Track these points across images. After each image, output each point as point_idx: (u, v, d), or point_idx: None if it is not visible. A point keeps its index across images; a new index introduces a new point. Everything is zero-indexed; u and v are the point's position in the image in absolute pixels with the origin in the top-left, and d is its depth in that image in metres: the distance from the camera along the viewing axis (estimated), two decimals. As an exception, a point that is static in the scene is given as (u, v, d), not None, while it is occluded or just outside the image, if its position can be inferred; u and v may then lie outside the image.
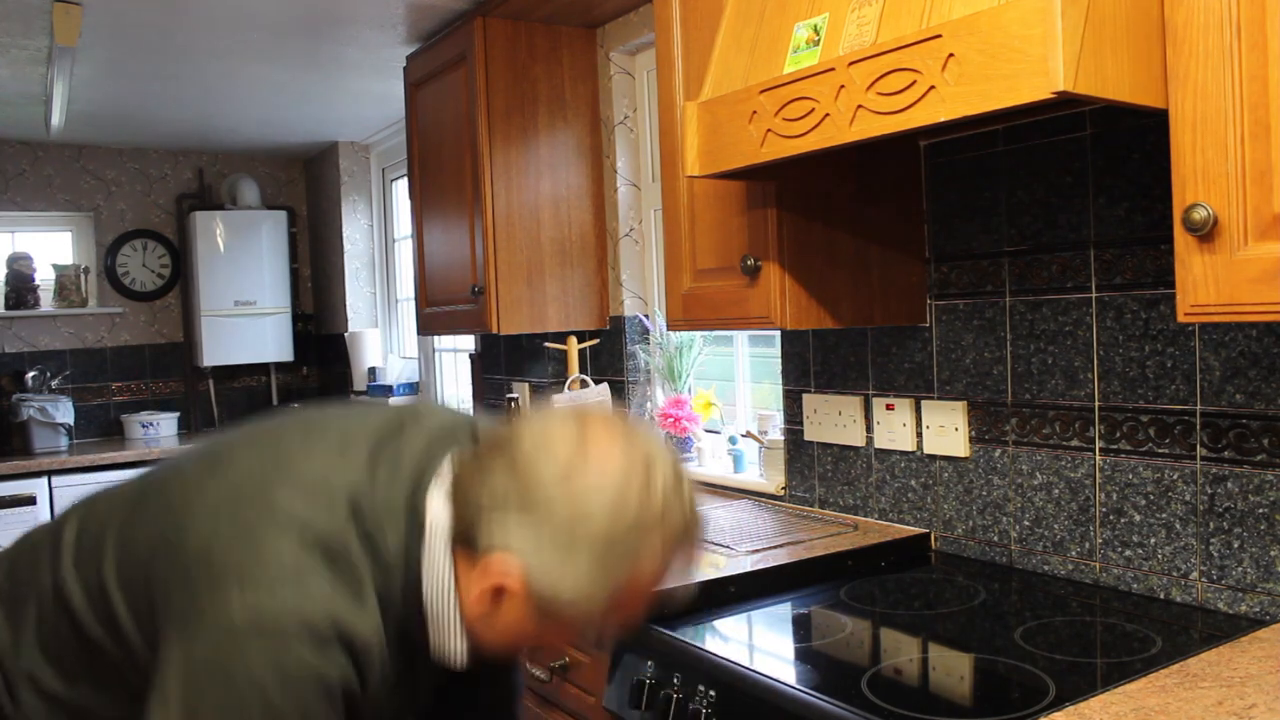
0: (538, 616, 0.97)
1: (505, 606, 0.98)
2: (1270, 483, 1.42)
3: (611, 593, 0.96)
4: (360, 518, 0.97)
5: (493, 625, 1.01)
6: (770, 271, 1.72)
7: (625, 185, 2.95)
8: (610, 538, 0.94)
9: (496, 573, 0.95)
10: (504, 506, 0.95)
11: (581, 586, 0.95)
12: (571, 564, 0.94)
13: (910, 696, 1.27)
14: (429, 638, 1.03)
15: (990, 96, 1.13)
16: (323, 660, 0.91)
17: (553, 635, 1.03)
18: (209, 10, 2.79)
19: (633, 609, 1.01)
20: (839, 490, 2.16)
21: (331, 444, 1.03)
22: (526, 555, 0.94)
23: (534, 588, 0.95)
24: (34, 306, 4.57)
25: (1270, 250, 1.04)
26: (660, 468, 0.98)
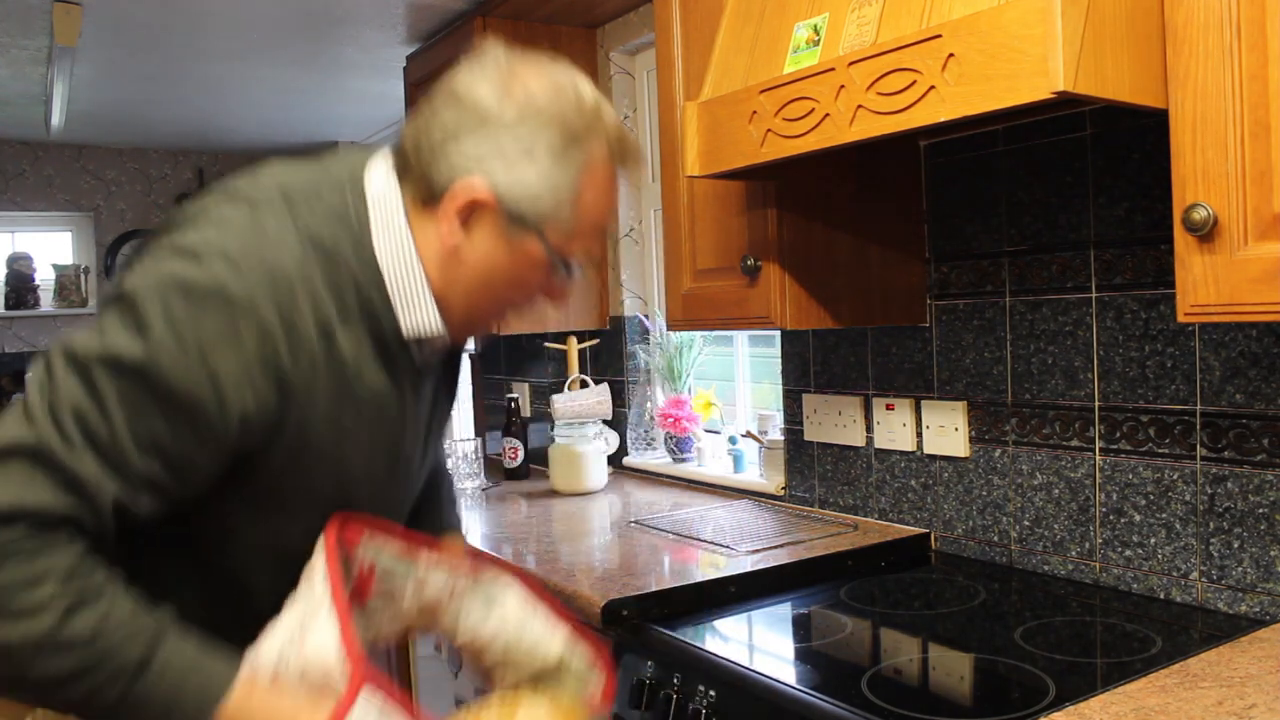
0: (509, 234, 1.03)
1: (477, 230, 1.03)
2: (1270, 483, 1.42)
3: (573, 190, 1.03)
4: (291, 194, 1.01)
5: (464, 262, 1.04)
6: (770, 271, 1.72)
7: (625, 185, 2.95)
8: (562, 131, 1.02)
9: (464, 193, 1.01)
10: (456, 135, 1.01)
11: (546, 180, 1.01)
12: (532, 160, 1.01)
13: (910, 696, 1.27)
14: (399, 320, 1.04)
15: (990, 96, 1.13)
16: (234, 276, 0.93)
17: (529, 260, 1.05)
18: (209, 10, 2.79)
19: (593, 229, 1.08)
20: (839, 490, 2.16)
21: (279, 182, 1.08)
22: (491, 166, 1.00)
23: (503, 195, 1.01)
24: (34, 306, 4.57)
25: (1270, 250, 1.04)
26: (579, 79, 1.06)
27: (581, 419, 2.68)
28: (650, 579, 1.74)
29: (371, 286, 1.02)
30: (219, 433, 0.93)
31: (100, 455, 0.89)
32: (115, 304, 0.94)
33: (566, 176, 1.02)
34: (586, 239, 1.08)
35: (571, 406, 2.73)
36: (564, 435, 2.66)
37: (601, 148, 1.05)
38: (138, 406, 0.90)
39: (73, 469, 0.88)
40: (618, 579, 1.74)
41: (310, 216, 1.00)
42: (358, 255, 1.01)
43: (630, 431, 2.87)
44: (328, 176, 1.05)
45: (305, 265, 0.97)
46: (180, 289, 0.92)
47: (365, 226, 1.02)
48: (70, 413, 0.88)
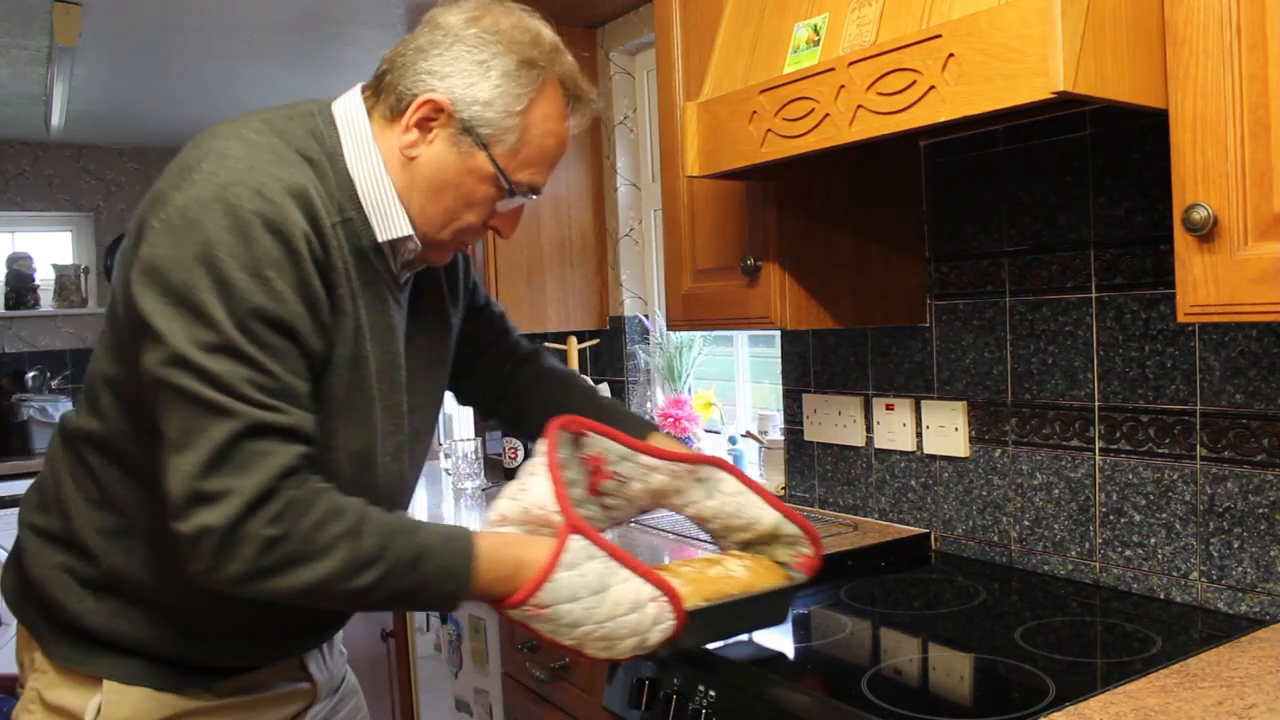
0: (459, 145, 1.12)
1: (433, 137, 1.12)
2: (1270, 483, 1.42)
3: (522, 109, 1.12)
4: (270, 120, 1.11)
5: (420, 167, 1.13)
6: (770, 271, 1.72)
7: (625, 185, 2.95)
8: (517, 56, 1.12)
9: (424, 101, 1.11)
10: (424, 52, 1.12)
11: (497, 93, 1.11)
12: (486, 76, 1.11)
13: (910, 696, 1.27)
14: (374, 228, 1.13)
15: (990, 96, 1.13)
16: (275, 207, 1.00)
17: (476, 173, 1.13)
18: (209, 10, 2.79)
19: (540, 156, 1.16)
20: (839, 490, 2.16)
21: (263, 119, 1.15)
22: (451, 81, 1.11)
23: (457, 104, 1.11)
24: (34, 306, 4.57)
25: (1270, 250, 1.04)
26: (545, 25, 1.17)
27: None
28: (650, 579, 1.74)
29: (347, 198, 1.11)
30: (315, 342, 1.06)
31: (287, 400, 1.01)
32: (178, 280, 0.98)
33: (516, 96, 1.12)
34: (532, 166, 1.16)
35: (571, 406, 2.72)
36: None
37: (554, 83, 1.15)
38: (274, 348, 1.00)
39: (282, 423, 1.00)
40: (618, 579, 1.74)
41: (293, 137, 1.09)
42: (334, 169, 1.11)
43: (630, 431, 2.86)
44: (296, 110, 1.15)
45: (306, 176, 1.06)
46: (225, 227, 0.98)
47: (337, 143, 1.12)
48: (245, 384, 0.98)
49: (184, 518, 0.97)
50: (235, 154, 1.03)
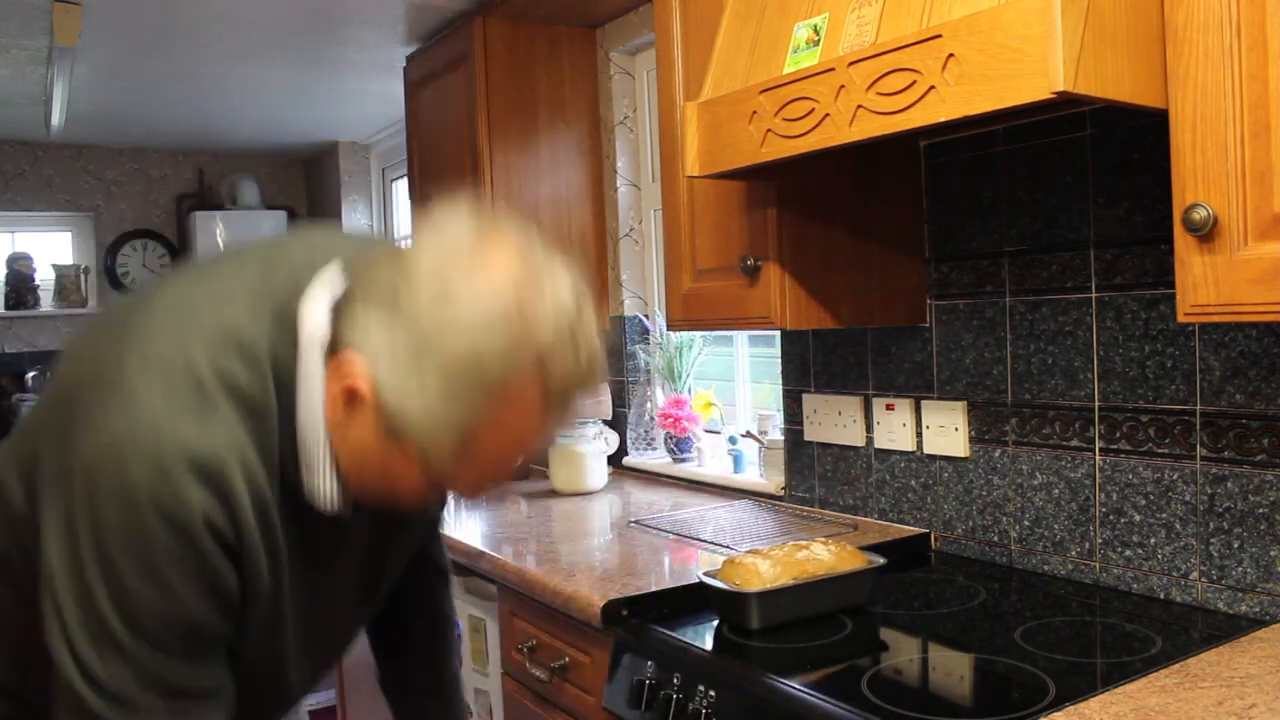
0: (385, 437, 0.86)
1: (356, 417, 0.87)
2: (1270, 483, 1.42)
3: (464, 431, 0.84)
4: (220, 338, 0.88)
5: (346, 440, 0.90)
6: (770, 271, 1.72)
7: (625, 185, 2.95)
8: (470, 366, 0.82)
9: (347, 372, 0.86)
10: (369, 299, 0.86)
11: (430, 411, 0.84)
12: (420, 380, 0.83)
13: (910, 696, 1.27)
14: (300, 475, 0.92)
15: (990, 96, 1.13)
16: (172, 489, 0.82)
17: (405, 469, 0.89)
18: (209, 10, 2.79)
19: (493, 464, 0.90)
20: (839, 490, 2.16)
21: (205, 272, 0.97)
22: (377, 357, 0.84)
23: (381, 397, 0.85)
24: (34, 306, 4.57)
25: (1270, 250, 1.04)
26: (555, 302, 0.86)
27: (581, 419, 2.68)
28: (650, 579, 1.74)
29: (289, 452, 0.91)
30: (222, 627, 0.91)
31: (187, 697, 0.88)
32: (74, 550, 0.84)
33: (455, 417, 0.84)
34: (477, 475, 0.91)
35: (571, 406, 2.72)
36: (564, 435, 2.65)
37: (528, 397, 0.85)
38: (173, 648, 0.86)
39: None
40: (618, 579, 1.74)
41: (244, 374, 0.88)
42: (281, 409, 0.90)
43: (630, 431, 2.87)
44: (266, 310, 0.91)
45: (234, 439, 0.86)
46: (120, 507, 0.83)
47: (291, 376, 0.90)
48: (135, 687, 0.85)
49: None
50: (149, 412, 0.84)
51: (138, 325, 0.91)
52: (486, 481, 0.94)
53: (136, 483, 0.82)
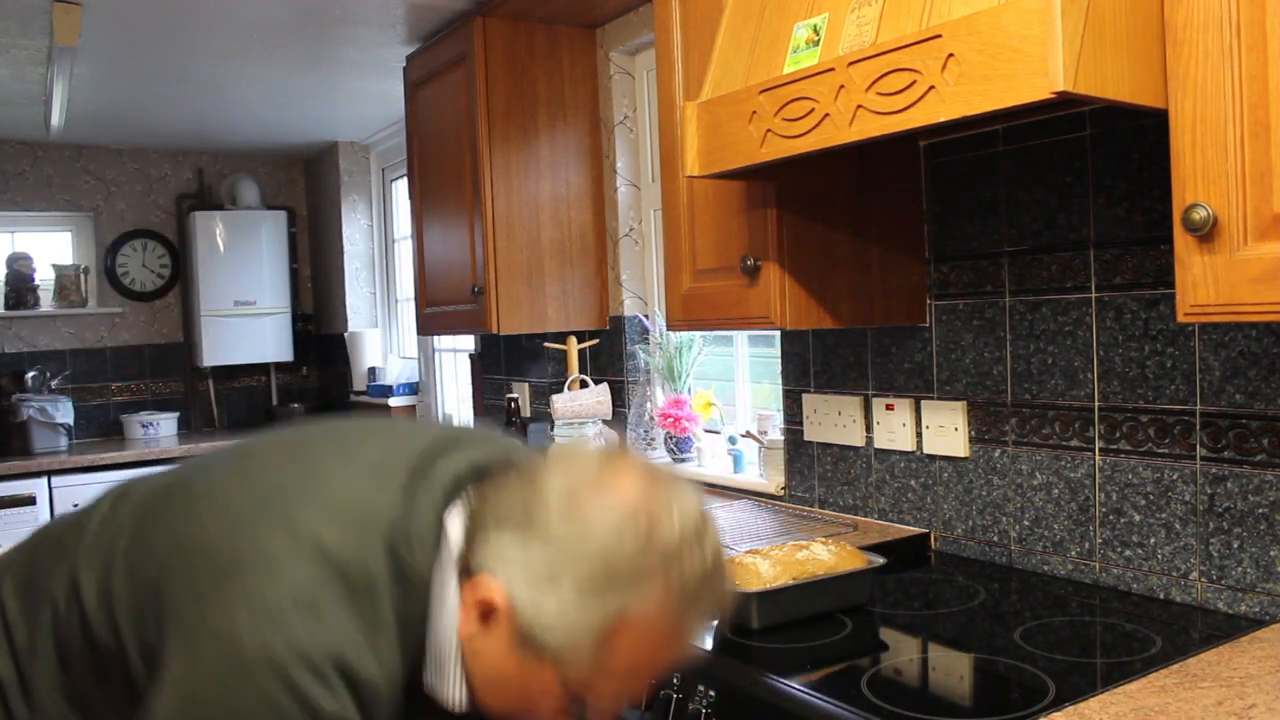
0: (521, 652, 0.90)
1: (491, 633, 0.91)
2: (1270, 483, 1.42)
3: (599, 637, 0.87)
4: (391, 547, 0.91)
5: (479, 657, 0.93)
6: (770, 271, 1.72)
7: (625, 185, 2.95)
8: (603, 568, 0.87)
9: (483, 589, 0.90)
10: (502, 524, 0.90)
11: (564, 617, 0.87)
12: (555, 589, 0.87)
13: (910, 696, 1.27)
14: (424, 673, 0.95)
15: (990, 96, 1.13)
16: (320, 694, 0.84)
17: (540, 686, 0.92)
18: (209, 10, 2.79)
19: (628, 675, 0.92)
20: (839, 490, 2.16)
21: (367, 463, 0.97)
22: (512, 573, 0.88)
23: (516, 611, 0.88)
24: (34, 306, 4.57)
25: (1270, 250, 1.04)
26: (680, 510, 0.90)
27: (581, 419, 2.68)
28: (650, 579, 1.74)
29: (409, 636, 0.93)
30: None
31: None
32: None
33: (592, 620, 0.87)
34: (618, 684, 0.92)
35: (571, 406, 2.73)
36: (564, 435, 2.65)
37: (660, 596, 0.88)
38: None
39: None
40: (618, 579, 1.74)
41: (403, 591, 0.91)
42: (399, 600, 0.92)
43: (630, 431, 2.87)
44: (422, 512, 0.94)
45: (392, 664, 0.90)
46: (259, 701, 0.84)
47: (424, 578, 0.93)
48: None
49: None
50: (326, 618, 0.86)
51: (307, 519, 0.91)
52: (625, 693, 0.94)
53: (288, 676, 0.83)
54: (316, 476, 0.95)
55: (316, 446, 1.02)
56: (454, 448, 1.00)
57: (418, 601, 0.92)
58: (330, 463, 0.97)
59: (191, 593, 0.90)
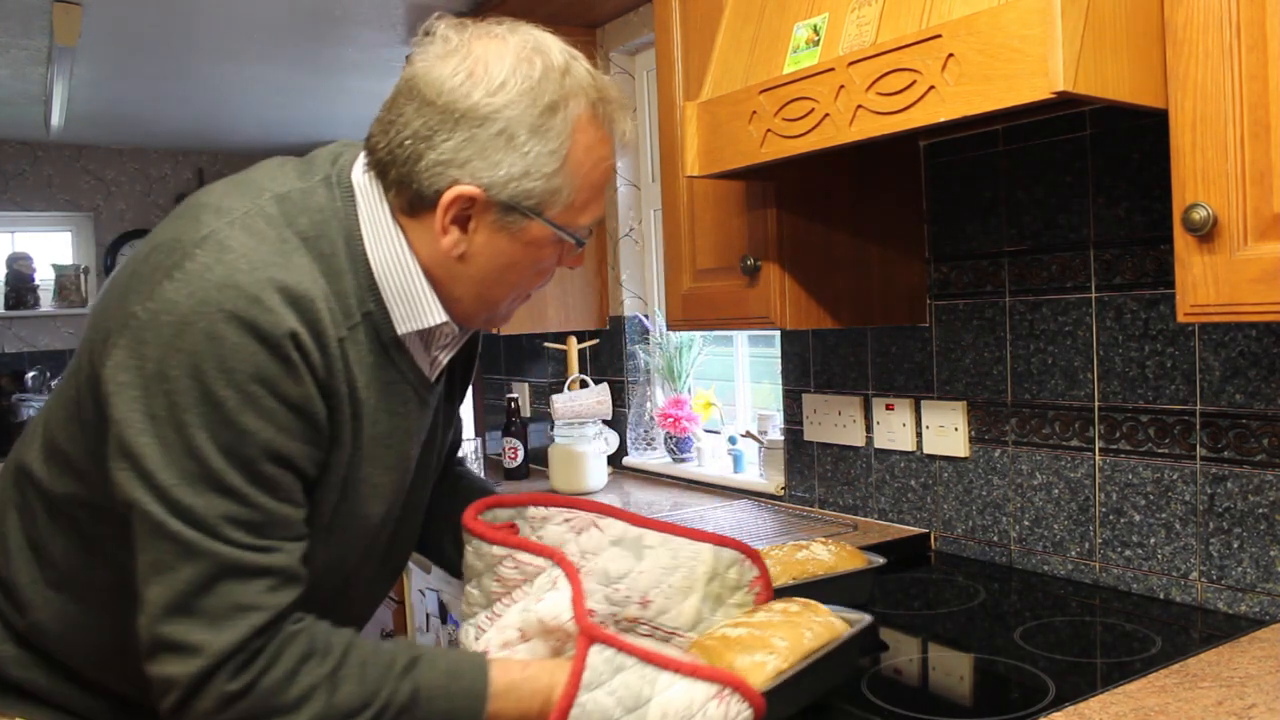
0: (511, 224, 1.00)
1: (477, 230, 1.00)
2: (1270, 483, 1.42)
3: (561, 159, 0.99)
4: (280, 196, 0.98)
5: (473, 261, 1.02)
6: (770, 271, 1.72)
7: (625, 185, 2.95)
8: (535, 106, 0.97)
9: (455, 200, 0.97)
10: (430, 139, 0.97)
11: (533, 161, 0.98)
12: (513, 147, 0.97)
13: (910, 696, 1.27)
14: (393, 321, 1.02)
15: (990, 96, 1.13)
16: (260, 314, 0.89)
17: (536, 243, 1.03)
18: (209, 10, 2.79)
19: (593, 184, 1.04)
20: (839, 490, 2.16)
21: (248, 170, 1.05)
22: (474, 166, 0.97)
23: (492, 191, 0.98)
24: (34, 306, 4.57)
25: (1270, 250, 1.04)
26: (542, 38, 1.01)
27: (581, 419, 2.68)
28: (650, 579, 1.74)
29: (367, 290, 1.00)
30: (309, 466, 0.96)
31: (277, 534, 0.92)
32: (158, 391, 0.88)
33: (550, 150, 0.99)
34: (588, 204, 1.05)
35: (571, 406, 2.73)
36: (564, 435, 2.66)
37: (581, 108, 1.01)
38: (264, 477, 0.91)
39: (266, 564, 0.90)
40: (618, 579, 1.74)
41: (307, 221, 0.98)
42: (351, 259, 0.99)
43: (630, 431, 2.87)
44: (313, 175, 1.03)
45: (315, 278, 0.95)
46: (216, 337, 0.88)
47: (356, 228, 1.00)
48: (224, 521, 0.88)
49: (149, 659, 0.89)
50: (236, 247, 0.91)
51: (200, 203, 0.98)
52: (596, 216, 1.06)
53: (228, 308, 0.88)
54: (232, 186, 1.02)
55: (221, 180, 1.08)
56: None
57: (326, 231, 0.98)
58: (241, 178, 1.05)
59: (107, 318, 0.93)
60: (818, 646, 1.13)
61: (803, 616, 1.17)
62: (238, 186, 1.00)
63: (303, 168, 1.05)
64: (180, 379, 0.87)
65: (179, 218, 0.98)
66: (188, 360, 0.87)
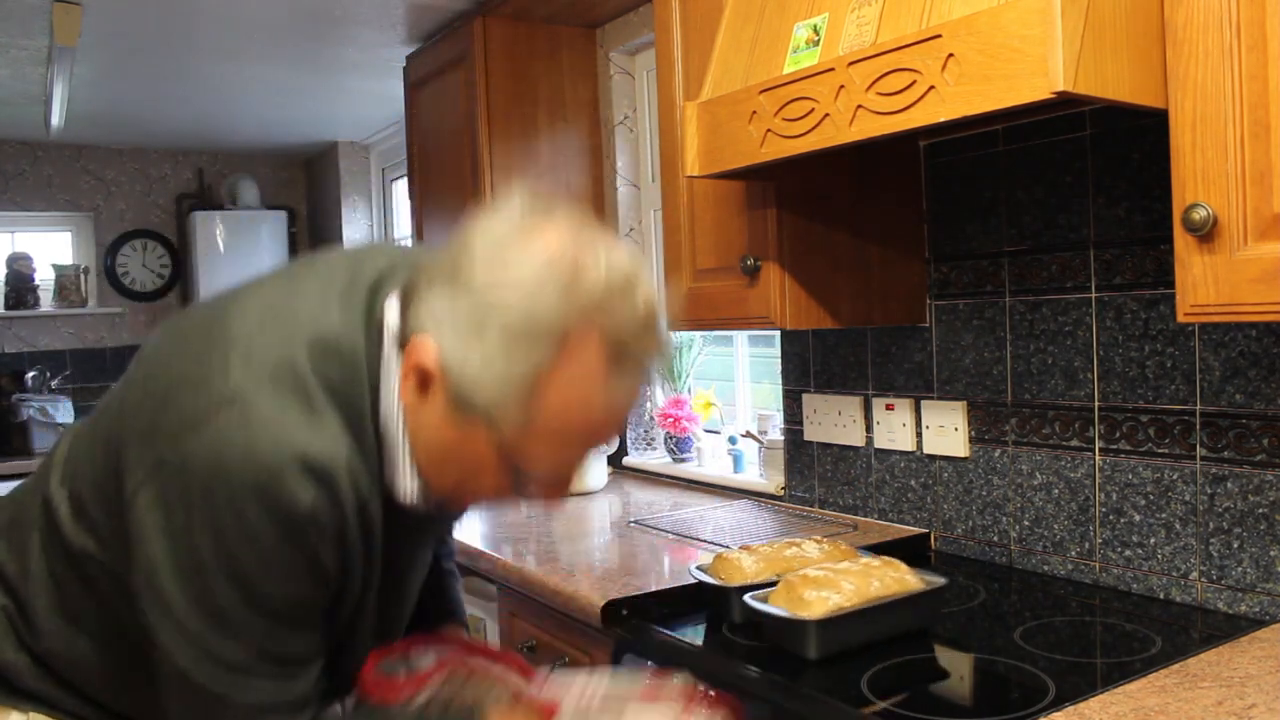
0: (455, 416, 0.88)
1: (429, 401, 0.90)
2: (1270, 483, 1.42)
3: (525, 390, 0.85)
4: (316, 339, 0.91)
5: (422, 431, 0.92)
6: (770, 271, 1.72)
7: (625, 185, 2.95)
8: (525, 316, 0.84)
9: (417, 351, 0.88)
10: (433, 283, 0.89)
11: (490, 369, 0.85)
12: (480, 339, 0.85)
13: (910, 696, 1.27)
14: (383, 469, 0.95)
15: (990, 96, 1.13)
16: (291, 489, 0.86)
17: (476, 453, 0.90)
18: (209, 10, 2.79)
19: (561, 439, 0.89)
20: (839, 490, 2.16)
21: (295, 276, 1.00)
22: (442, 330, 0.87)
23: (447, 368, 0.87)
24: (34, 306, 4.57)
25: (1270, 250, 1.04)
26: (608, 259, 0.86)
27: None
28: (650, 579, 1.74)
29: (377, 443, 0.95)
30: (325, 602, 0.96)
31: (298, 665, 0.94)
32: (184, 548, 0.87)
33: (516, 370, 0.85)
34: (551, 447, 0.90)
35: (571, 406, 2.72)
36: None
37: (591, 344, 0.85)
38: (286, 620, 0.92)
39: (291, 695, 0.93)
40: (618, 579, 1.74)
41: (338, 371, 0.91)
42: (372, 421, 0.93)
43: (630, 431, 2.87)
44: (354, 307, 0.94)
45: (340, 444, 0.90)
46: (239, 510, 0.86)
47: (378, 381, 0.93)
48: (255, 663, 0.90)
49: None
50: (261, 415, 0.86)
51: (234, 328, 0.93)
52: (561, 462, 0.93)
53: (250, 482, 0.85)
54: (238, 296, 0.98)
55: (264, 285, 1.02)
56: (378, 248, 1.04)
57: (354, 382, 0.92)
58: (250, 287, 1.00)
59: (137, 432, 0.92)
60: (883, 595, 1.38)
61: (878, 569, 1.42)
62: (275, 318, 0.93)
63: (346, 293, 0.95)
64: (204, 543, 0.87)
65: (208, 340, 0.93)
66: (212, 527, 0.86)
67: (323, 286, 0.96)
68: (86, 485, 1.00)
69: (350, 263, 1.00)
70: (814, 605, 1.33)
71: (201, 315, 1.01)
